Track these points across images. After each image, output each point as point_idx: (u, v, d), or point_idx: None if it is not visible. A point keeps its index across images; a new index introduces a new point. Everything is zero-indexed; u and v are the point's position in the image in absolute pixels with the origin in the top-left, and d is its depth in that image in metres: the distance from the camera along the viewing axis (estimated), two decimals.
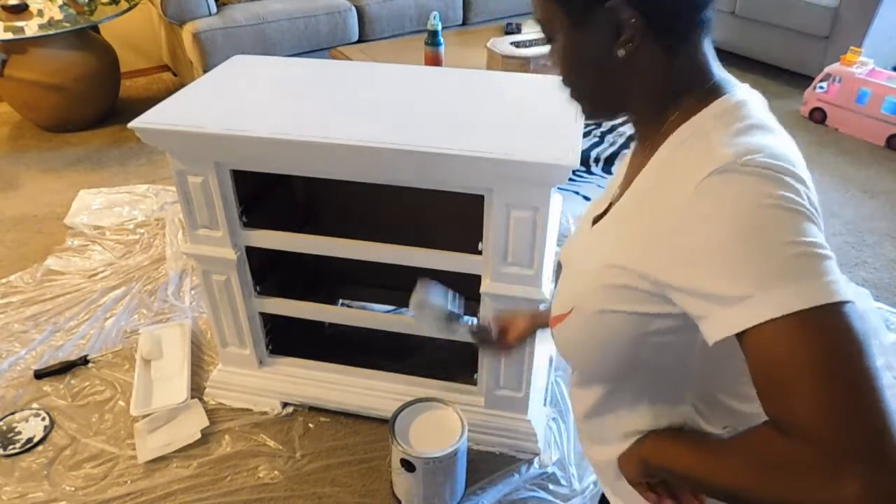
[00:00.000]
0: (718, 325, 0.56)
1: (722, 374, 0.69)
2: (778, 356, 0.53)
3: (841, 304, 0.52)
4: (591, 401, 0.78)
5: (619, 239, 0.68)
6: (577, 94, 0.71)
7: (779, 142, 0.61)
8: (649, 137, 0.69)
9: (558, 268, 0.85)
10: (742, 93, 0.65)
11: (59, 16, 3.24)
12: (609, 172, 3.04)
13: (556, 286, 0.83)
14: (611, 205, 0.74)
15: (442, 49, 2.66)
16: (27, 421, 1.78)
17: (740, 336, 0.55)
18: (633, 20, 0.62)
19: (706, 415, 0.71)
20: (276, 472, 1.65)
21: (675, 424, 0.72)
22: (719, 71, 0.67)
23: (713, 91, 0.65)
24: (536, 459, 1.68)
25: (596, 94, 0.70)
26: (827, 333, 0.52)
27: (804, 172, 0.60)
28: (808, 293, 0.52)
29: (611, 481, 0.82)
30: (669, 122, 0.66)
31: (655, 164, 0.66)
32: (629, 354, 0.68)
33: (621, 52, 0.63)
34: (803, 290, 0.52)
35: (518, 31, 3.18)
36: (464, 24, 3.82)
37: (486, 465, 1.66)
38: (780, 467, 0.53)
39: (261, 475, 1.65)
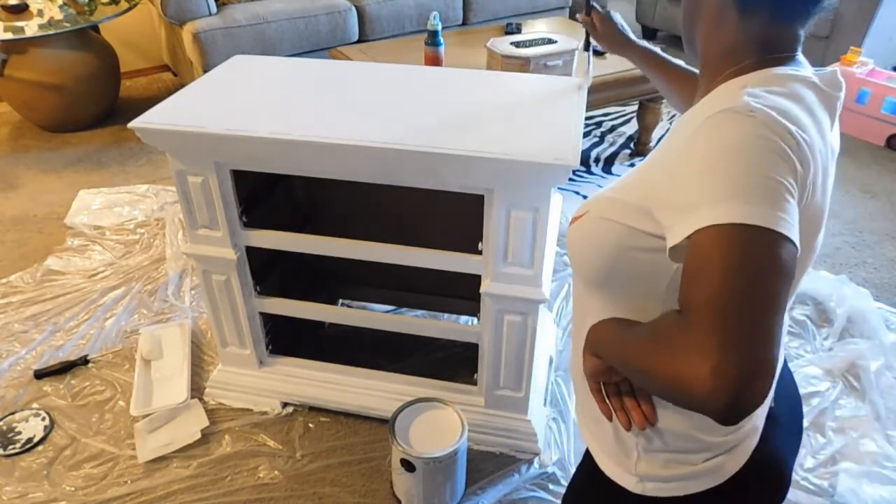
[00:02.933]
0: (677, 231, 0.61)
1: None
2: (705, 254, 0.58)
3: (779, 235, 0.57)
4: (577, 307, 0.86)
5: (639, 167, 0.76)
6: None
7: (800, 110, 0.66)
8: (703, 91, 0.76)
9: None
10: (791, 69, 0.70)
11: (59, 16, 3.24)
12: (609, 172, 3.04)
13: None
14: None
15: (442, 49, 2.66)
16: (27, 421, 1.78)
17: (688, 240, 0.60)
18: None
19: None
20: (276, 472, 1.65)
21: None
22: (788, 52, 0.72)
23: (771, 63, 0.71)
24: (536, 459, 1.68)
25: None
26: (754, 249, 0.56)
27: (814, 145, 0.65)
28: (755, 213, 0.57)
29: (581, 398, 0.90)
30: (724, 76, 0.73)
31: (695, 106, 0.73)
32: (612, 259, 0.74)
33: None
34: (753, 210, 0.57)
35: (518, 31, 3.17)
36: (464, 24, 3.82)
37: (486, 465, 1.66)
38: (665, 342, 0.59)
39: (261, 475, 1.65)
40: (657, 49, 1.16)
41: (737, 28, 0.72)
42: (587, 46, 1.35)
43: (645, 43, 1.16)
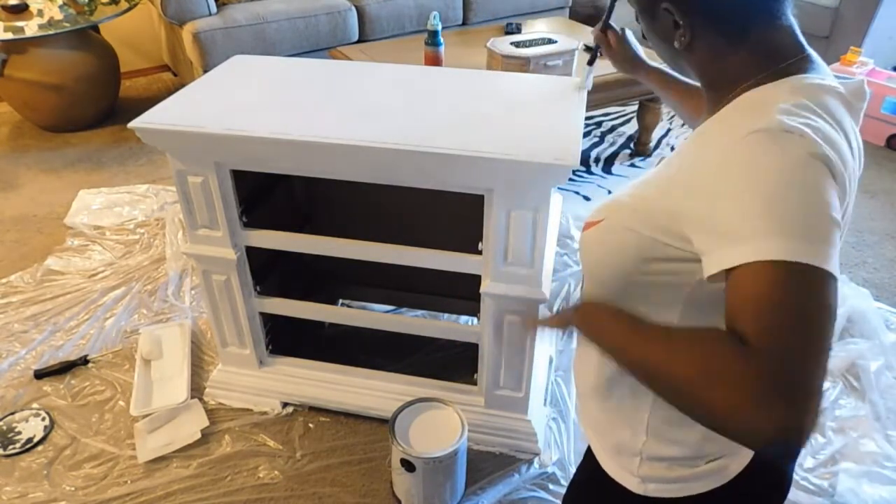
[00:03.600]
0: (717, 259, 0.59)
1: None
2: (756, 291, 0.56)
3: (829, 275, 0.56)
4: None
5: (659, 176, 0.74)
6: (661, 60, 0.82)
7: (830, 127, 0.64)
8: (716, 104, 0.73)
9: None
10: (816, 77, 0.68)
11: (59, 16, 3.24)
12: (609, 172, 3.04)
13: None
14: None
15: (442, 49, 2.66)
16: (27, 421, 1.78)
17: (730, 272, 0.58)
18: (684, 20, 0.69)
19: None
20: (276, 472, 1.65)
21: None
22: (800, 52, 0.70)
23: (786, 71, 0.68)
24: (536, 459, 1.68)
25: (670, 65, 0.81)
26: (807, 289, 0.55)
27: (847, 164, 0.64)
28: (807, 251, 0.56)
29: (583, 398, 0.90)
30: (737, 91, 0.70)
31: (713, 120, 0.71)
32: (631, 269, 0.73)
33: (677, 45, 0.72)
34: (804, 247, 0.56)
35: (518, 31, 3.17)
36: (464, 24, 3.82)
37: (486, 465, 1.66)
38: (718, 369, 0.55)
39: (261, 475, 1.65)
40: (667, 69, 1.11)
41: (733, 57, 0.70)
42: (592, 61, 1.32)
43: (655, 63, 1.12)
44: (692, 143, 0.72)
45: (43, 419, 1.78)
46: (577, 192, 2.86)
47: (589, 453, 0.93)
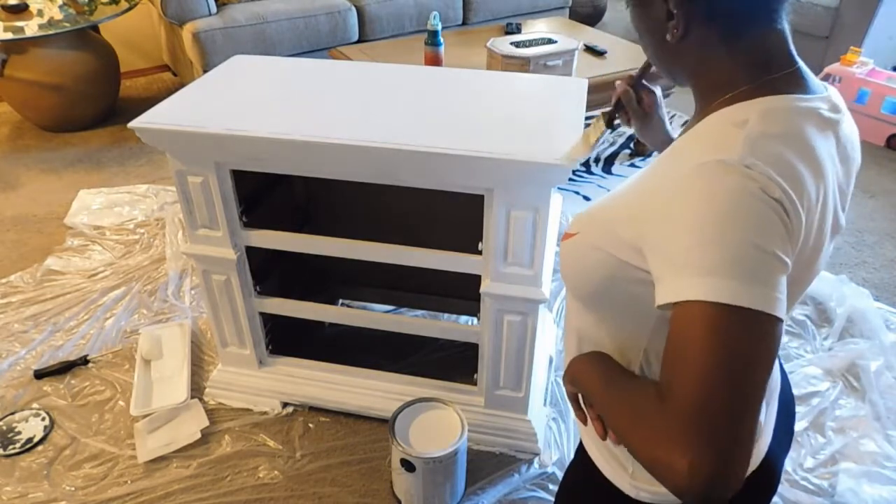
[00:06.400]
0: (665, 291, 0.60)
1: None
2: (689, 333, 0.56)
3: (769, 317, 0.56)
4: (572, 317, 0.85)
5: (630, 191, 0.73)
6: (647, 56, 0.78)
7: (799, 159, 0.62)
8: (702, 110, 0.72)
9: None
10: (797, 98, 0.66)
11: (59, 16, 3.24)
12: (609, 172, 3.04)
13: None
14: None
15: (442, 49, 2.66)
16: (27, 421, 1.78)
17: (674, 305, 0.59)
18: (679, 9, 0.66)
19: (653, 366, 0.76)
20: (276, 472, 1.65)
21: (624, 362, 0.77)
22: (789, 65, 0.68)
23: (771, 86, 0.66)
24: (536, 459, 1.68)
25: (657, 62, 0.76)
26: (739, 334, 0.55)
27: (810, 196, 0.62)
28: (746, 293, 0.55)
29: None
30: (720, 101, 0.68)
31: (687, 137, 0.70)
32: (602, 287, 0.74)
33: (669, 38, 0.68)
34: (744, 288, 0.55)
35: (518, 31, 3.18)
36: (464, 24, 3.82)
37: (486, 465, 1.66)
38: (643, 419, 0.59)
39: (261, 475, 1.65)
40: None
41: (725, 58, 0.68)
42: (610, 122, 1.02)
43: (673, 134, 0.99)
44: (665, 159, 0.70)
45: (43, 419, 1.78)
46: (577, 192, 2.86)
47: (580, 452, 0.93)
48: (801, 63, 0.69)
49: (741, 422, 0.54)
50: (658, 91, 0.98)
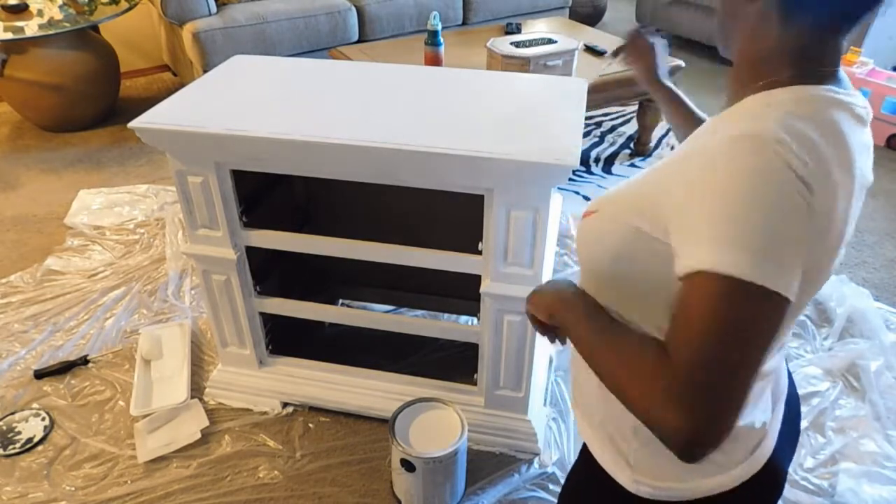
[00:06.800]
0: (684, 259, 0.61)
1: None
2: (699, 300, 0.59)
3: (778, 295, 0.58)
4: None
5: (657, 169, 0.74)
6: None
7: (828, 143, 0.63)
8: (732, 94, 0.73)
9: None
10: (834, 89, 0.67)
11: (59, 16, 3.24)
12: (609, 172, 3.04)
13: None
14: None
15: (442, 49, 2.66)
16: (27, 421, 1.78)
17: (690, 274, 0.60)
18: None
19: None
20: (276, 472, 1.65)
21: None
22: (829, 67, 0.69)
23: (808, 76, 0.67)
24: (536, 459, 1.68)
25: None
26: (747, 309, 0.57)
27: (833, 175, 0.63)
28: (756, 269, 0.57)
29: (580, 397, 0.92)
30: (755, 88, 0.69)
31: (725, 113, 0.71)
32: (618, 262, 0.75)
33: None
34: (755, 264, 0.57)
35: (518, 31, 3.18)
36: (464, 24, 3.82)
37: (486, 465, 1.66)
38: (642, 374, 0.61)
39: (261, 475, 1.65)
40: (681, 93, 1.11)
41: (778, 36, 0.68)
42: (617, 54, 1.21)
43: (671, 85, 1.11)
44: (692, 140, 0.72)
45: (43, 419, 1.78)
46: (577, 192, 2.86)
47: (584, 451, 0.93)
48: (842, 73, 0.70)
49: (738, 388, 0.57)
50: (658, 46, 1.11)
